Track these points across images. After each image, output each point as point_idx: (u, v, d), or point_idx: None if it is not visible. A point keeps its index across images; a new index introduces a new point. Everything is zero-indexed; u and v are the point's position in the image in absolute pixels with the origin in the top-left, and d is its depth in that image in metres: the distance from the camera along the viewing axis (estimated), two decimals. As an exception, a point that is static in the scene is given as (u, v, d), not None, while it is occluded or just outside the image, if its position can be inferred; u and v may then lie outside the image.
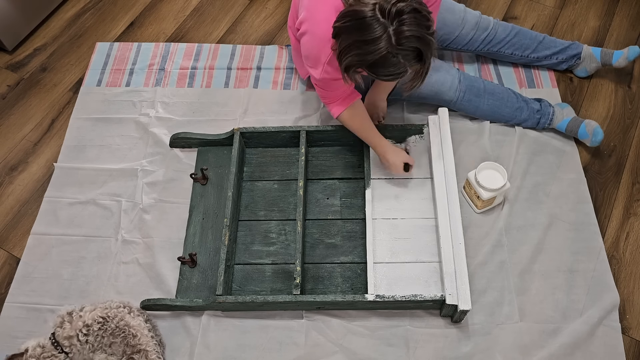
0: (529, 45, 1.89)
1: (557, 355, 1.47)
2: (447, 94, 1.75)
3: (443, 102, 1.77)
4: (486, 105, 1.77)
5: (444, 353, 1.48)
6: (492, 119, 1.81)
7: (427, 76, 1.70)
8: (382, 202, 1.67)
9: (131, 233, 1.69)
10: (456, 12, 1.82)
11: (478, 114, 1.80)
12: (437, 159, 1.64)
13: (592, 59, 1.88)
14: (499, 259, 1.61)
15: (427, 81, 1.72)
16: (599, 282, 1.57)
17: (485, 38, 1.85)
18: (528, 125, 1.80)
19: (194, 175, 1.74)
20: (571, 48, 1.90)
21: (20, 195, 1.80)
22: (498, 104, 1.78)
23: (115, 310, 1.43)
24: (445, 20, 1.80)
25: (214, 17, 2.20)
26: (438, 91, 1.75)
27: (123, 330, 1.40)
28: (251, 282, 1.58)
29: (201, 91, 1.97)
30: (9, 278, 1.64)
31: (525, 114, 1.78)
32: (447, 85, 1.74)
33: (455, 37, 1.84)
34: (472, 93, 1.76)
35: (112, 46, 2.11)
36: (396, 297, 1.44)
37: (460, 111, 1.81)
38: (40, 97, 2.00)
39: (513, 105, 1.78)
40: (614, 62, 1.85)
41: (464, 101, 1.77)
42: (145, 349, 1.39)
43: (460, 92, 1.75)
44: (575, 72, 1.96)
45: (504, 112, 1.78)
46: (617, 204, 1.72)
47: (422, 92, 1.74)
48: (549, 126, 1.79)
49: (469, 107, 1.79)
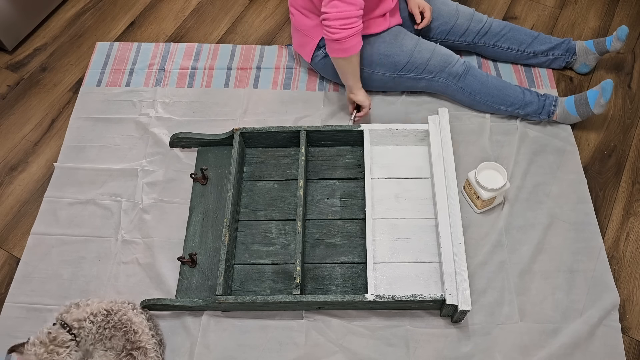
0: (524, 40, 1.92)
1: (557, 355, 1.47)
2: (454, 65, 1.78)
3: (449, 75, 1.79)
4: (491, 84, 1.79)
5: (444, 353, 1.48)
6: (498, 99, 1.80)
7: (438, 49, 1.79)
8: (382, 202, 1.67)
9: (131, 233, 1.69)
10: (449, 4, 1.90)
11: (483, 92, 1.80)
12: (437, 159, 1.64)
13: (588, 52, 1.90)
14: (499, 259, 1.61)
15: (437, 52, 1.78)
16: (599, 282, 1.57)
17: (480, 30, 1.90)
18: (534, 108, 1.79)
19: (194, 175, 1.74)
20: (565, 43, 1.93)
21: (20, 195, 1.80)
22: (503, 85, 1.80)
23: (120, 305, 1.44)
24: (440, 11, 1.88)
25: (214, 17, 2.20)
26: (447, 62, 1.78)
27: (125, 325, 1.40)
28: (251, 282, 1.58)
29: (201, 91, 1.97)
30: (9, 278, 1.64)
31: (529, 97, 1.79)
32: (455, 58, 1.79)
33: (452, 28, 1.89)
34: (477, 71, 1.80)
35: (112, 46, 2.11)
36: (396, 297, 1.44)
37: (466, 89, 1.80)
38: (40, 97, 2.00)
39: (517, 88, 1.80)
40: (609, 47, 1.86)
41: (470, 76, 1.79)
42: (144, 347, 1.39)
43: (467, 67, 1.79)
44: (576, 70, 1.97)
45: (509, 92, 1.79)
46: (617, 204, 1.72)
47: (430, 64, 1.77)
48: (554, 110, 1.78)
49: (474, 83, 1.79)
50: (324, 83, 1.96)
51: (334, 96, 1.93)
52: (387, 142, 1.76)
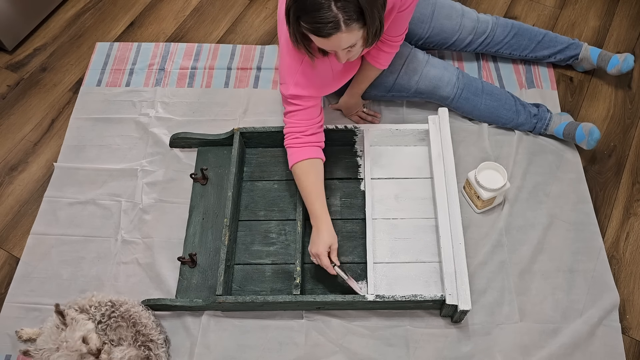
0: (527, 46, 1.90)
1: (557, 355, 1.47)
2: (444, 90, 1.75)
3: (441, 98, 1.77)
4: (483, 105, 1.77)
5: (444, 353, 1.48)
6: (490, 120, 1.81)
7: (425, 71, 1.72)
8: (382, 202, 1.67)
9: (131, 233, 1.69)
10: (453, 18, 1.83)
11: (475, 113, 1.80)
12: (437, 159, 1.64)
13: (589, 62, 1.89)
14: (499, 259, 1.61)
15: (425, 75, 1.74)
16: (599, 282, 1.57)
17: (483, 42, 1.87)
18: (525, 129, 1.79)
19: (194, 175, 1.74)
20: (570, 49, 1.90)
21: (20, 195, 1.79)
22: (496, 105, 1.77)
23: (125, 299, 1.46)
24: (443, 27, 1.83)
25: (214, 17, 2.20)
26: (436, 86, 1.75)
27: (133, 317, 1.41)
28: (251, 282, 1.58)
29: (201, 91, 1.97)
30: (9, 278, 1.64)
31: (522, 118, 1.78)
32: (445, 81, 1.74)
33: (453, 42, 1.86)
34: (469, 91, 1.76)
35: (112, 46, 2.11)
36: (396, 297, 1.44)
37: (458, 110, 1.81)
38: (40, 97, 2.00)
39: (511, 107, 1.78)
40: (608, 70, 1.84)
41: (462, 99, 1.77)
42: (156, 341, 1.40)
43: (458, 90, 1.75)
44: (575, 67, 1.98)
45: (501, 113, 1.78)
46: (617, 204, 1.72)
47: (419, 87, 1.75)
48: (545, 131, 1.78)
49: (466, 106, 1.78)
50: (324, 83, 1.96)
51: (334, 96, 1.93)
52: (387, 142, 1.76)
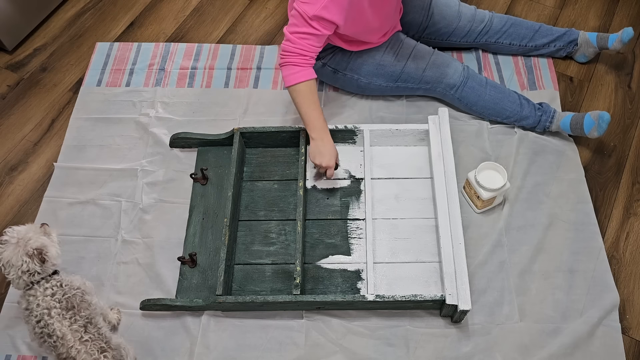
0: (525, 34, 1.92)
1: (557, 355, 1.47)
2: (451, 77, 1.77)
3: (447, 87, 1.78)
4: (488, 96, 1.78)
5: (444, 353, 1.48)
6: (494, 112, 1.80)
7: (433, 59, 1.77)
8: (382, 202, 1.67)
9: (131, 233, 1.69)
10: (452, 6, 1.89)
11: (480, 104, 1.79)
12: (437, 159, 1.64)
13: (589, 44, 1.91)
14: (499, 259, 1.61)
15: (432, 62, 1.77)
16: (599, 282, 1.57)
17: (482, 30, 1.90)
18: (529, 122, 1.78)
19: (194, 175, 1.74)
20: (567, 35, 1.93)
21: (20, 195, 1.79)
22: (500, 96, 1.78)
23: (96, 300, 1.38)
24: (443, 14, 1.87)
25: (214, 17, 2.20)
26: (443, 73, 1.77)
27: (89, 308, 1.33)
28: (251, 282, 1.58)
29: (201, 91, 1.97)
30: (9, 278, 1.64)
31: (526, 111, 1.78)
32: (452, 68, 1.77)
33: (454, 30, 1.89)
34: (475, 81, 1.78)
35: (112, 46, 2.11)
36: (396, 297, 1.44)
37: (463, 101, 1.80)
38: (40, 97, 2.00)
39: (515, 100, 1.79)
40: (610, 46, 1.86)
41: (467, 88, 1.78)
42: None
43: (464, 78, 1.77)
44: (574, 58, 1.98)
45: (506, 105, 1.78)
46: (617, 204, 1.72)
47: (426, 74, 1.77)
48: (550, 126, 1.78)
49: (471, 95, 1.79)
50: (324, 84, 1.96)
51: (334, 96, 1.93)
52: (387, 142, 1.76)
